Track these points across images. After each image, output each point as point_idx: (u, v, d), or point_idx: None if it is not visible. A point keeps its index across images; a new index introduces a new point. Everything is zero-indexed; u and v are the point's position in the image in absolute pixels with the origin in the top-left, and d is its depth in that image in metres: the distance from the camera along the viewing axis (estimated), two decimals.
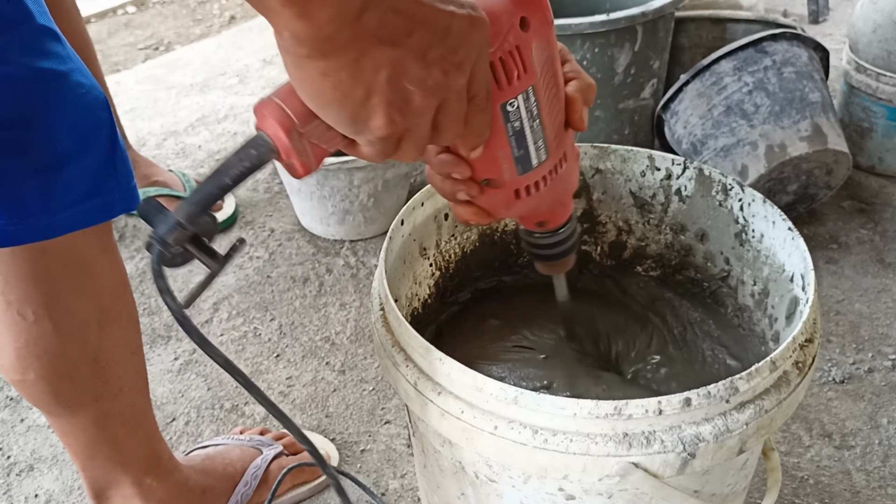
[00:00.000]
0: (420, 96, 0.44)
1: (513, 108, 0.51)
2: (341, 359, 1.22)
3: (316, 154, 0.48)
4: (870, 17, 1.47)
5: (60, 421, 0.82)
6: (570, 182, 0.61)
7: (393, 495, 1.01)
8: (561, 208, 0.63)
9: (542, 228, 0.64)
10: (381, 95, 0.43)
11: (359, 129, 0.44)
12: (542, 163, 0.55)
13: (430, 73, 0.43)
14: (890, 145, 1.52)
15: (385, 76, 0.42)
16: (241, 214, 1.56)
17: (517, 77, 0.50)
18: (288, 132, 0.46)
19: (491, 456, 0.59)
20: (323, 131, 0.46)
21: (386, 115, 0.43)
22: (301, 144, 0.47)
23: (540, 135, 0.54)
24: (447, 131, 0.47)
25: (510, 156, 0.54)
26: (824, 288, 1.29)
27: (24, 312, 0.72)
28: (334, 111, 0.44)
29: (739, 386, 0.56)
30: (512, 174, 0.55)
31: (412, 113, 0.44)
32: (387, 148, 0.46)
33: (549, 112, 0.54)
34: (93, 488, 0.89)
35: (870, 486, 0.99)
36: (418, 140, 0.47)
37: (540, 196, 0.57)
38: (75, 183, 0.67)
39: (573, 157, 0.60)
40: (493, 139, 0.52)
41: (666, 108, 1.42)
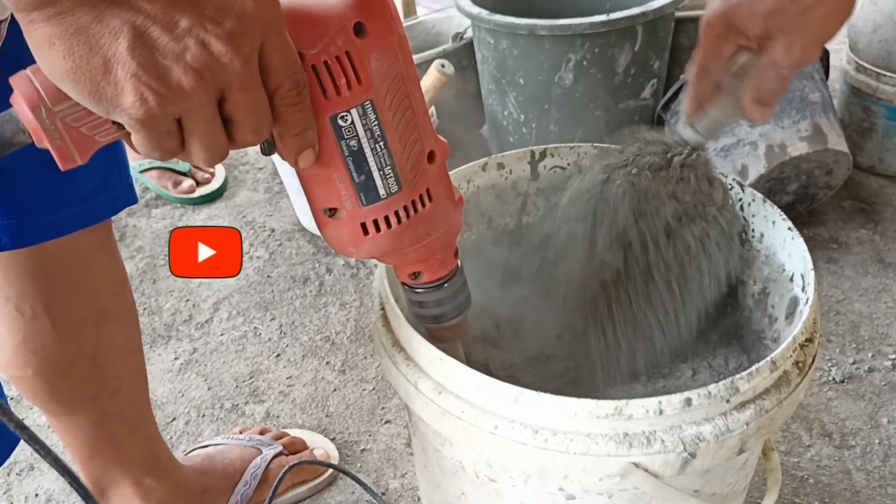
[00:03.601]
0: (180, 73, 0.37)
1: (345, 122, 0.46)
2: (341, 358, 1.22)
3: (79, 142, 0.41)
4: (870, 17, 1.47)
5: (59, 419, 0.82)
6: (440, 226, 0.54)
7: (393, 495, 1.01)
8: (433, 258, 0.56)
9: (418, 282, 0.57)
10: (124, 67, 0.37)
11: (108, 108, 0.38)
12: (394, 195, 0.49)
13: (184, 44, 0.37)
14: (890, 145, 1.52)
15: (125, 45, 0.36)
16: (241, 213, 1.56)
17: (346, 86, 0.45)
18: (34, 108, 0.39)
19: (491, 455, 0.59)
20: (83, 114, 0.40)
21: (135, 91, 0.37)
22: (54, 126, 0.40)
23: (387, 161, 0.48)
24: (242, 127, 0.41)
25: (349, 180, 0.48)
26: (824, 288, 1.30)
27: (22, 308, 0.72)
28: (71, 85, 0.38)
29: (740, 386, 0.56)
30: (354, 204, 0.49)
31: (173, 92, 0.38)
32: (161, 139, 0.40)
33: (399, 137, 0.48)
34: (92, 488, 0.89)
35: (870, 485, 0.99)
36: (204, 134, 0.40)
37: (395, 236, 0.51)
38: (81, 179, 0.68)
39: (445, 198, 0.53)
40: (326, 157, 0.47)
41: (666, 108, 1.42)
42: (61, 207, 0.68)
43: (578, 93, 1.37)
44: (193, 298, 1.35)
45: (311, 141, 0.45)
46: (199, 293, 1.36)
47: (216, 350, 1.25)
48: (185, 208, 1.59)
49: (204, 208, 1.59)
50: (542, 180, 0.83)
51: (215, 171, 1.65)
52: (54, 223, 0.68)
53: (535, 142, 1.47)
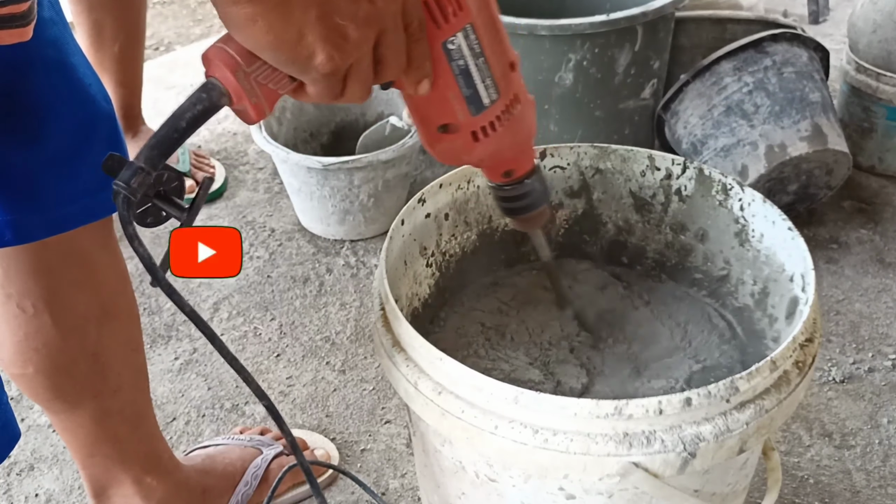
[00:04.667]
0: (354, 29, 0.44)
1: (454, 46, 0.52)
2: (341, 358, 1.22)
3: (267, 96, 0.48)
4: (870, 17, 1.47)
5: (60, 417, 0.82)
6: (527, 126, 0.62)
7: (393, 495, 1.01)
8: (523, 155, 0.64)
9: (510, 179, 0.65)
10: (315, 33, 0.43)
11: (301, 68, 0.45)
12: (494, 102, 0.56)
13: (358, 5, 0.44)
14: (890, 145, 1.52)
15: (314, 14, 0.43)
16: (241, 213, 1.56)
17: (453, 14, 0.51)
18: (234, 73, 0.47)
19: (491, 455, 0.59)
20: (270, 71, 0.47)
21: (325, 51, 0.44)
22: (250, 85, 0.47)
23: (487, 73, 0.55)
24: (390, 65, 0.48)
25: (460, 96, 0.55)
26: (824, 288, 1.30)
27: (23, 305, 0.72)
28: (271, 54, 0.45)
29: (740, 385, 0.56)
30: (466, 116, 0.56)
31: (351, 46, 0.45)
32: (333, 86, 0.47)
33: (492, 51, 0.54)
34: (93, 487, 0.89)
35: (870, 485, 0.99)
36: (363, 77, 0.47)
37: (498, 138, 0.58)
38: (82, 176, 0.68)
39: (526, 101, 0.61)
40: (440, 79, 0.53)
41: (666, 108, 1.42)
42: (64, 203, 0.68)
43: (578, 93, 1.37)
44: (193, 298, 1.35)
45: (429, 71, 0.52)
46: (199, 293, 1.36)
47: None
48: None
49: (204, 208, 1.59)
50: None
51: (215, 171, 1.65)
52: (57, 219, 0.68)
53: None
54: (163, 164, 0.49)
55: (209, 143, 1.80)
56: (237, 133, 1.83)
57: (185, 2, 2.58)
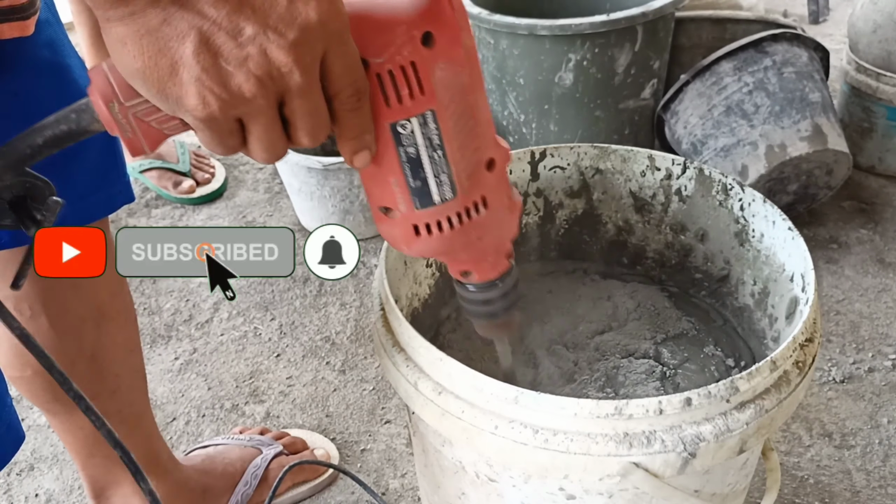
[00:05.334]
0: (242, 79, 0.39)
1: (405, 130, 0.46)
2: (341, 358, 1.22)
3: (147, 134, 0.43)
4: (870, 17, 1.47)
5: (59, 419, 0.82)
6: (493, 231, 0.54)
7: (393, 495, 1.01)
8: (484, 261, 0.56)
9: (468, 280, 0.58)
10: (189, 71, 0.38)
11: (174, 107, 0.40)
12: (448, 201, 0.49)
13: (246, 52, 0.38)
14: (890, 145, 1.52)
15: (191, 49, 0.38)
16: (241, 213, 1.56)
17: (409, 96, 0.45)
18: (108, 104, 0.42)
19: (491, 455, 0.59)
20: (152, 110, 0.42)
21: (198, 94, 0.39)
22: (125, 120, 0.42)
23: (444, 169, 0.48)
24: (298, 129, 0.42)
25: (404, 184, 0.48)
26: (824, 288, 1.30)
27: (19, 308, 0.72)
28: (140, 83, 0.40)
29: (740, 385, 0.56)
30: (408, 206, 0.49)
31: (234, 97, 0.39)
32: (223, 137, 0.42)
33: (458, 146, 0.48)
34: (92, 487, 0.89)
35: (870, 485, 0.99)
36: (263, 135, 0.42)
37: (446, 239, 0.51)
38: (77, 178, 0.68)
39: (502, 206, 0.53)
40: (383, 160, 0.47)
41: (666, 108, 1.42)
42: None
43: (578, 93, 1.37)
44: (193, 298, 1.35)
45: (368, 143, 0.46)
46: (199, 293, 1.36)
47: (216, 350, 1.25)
48: (185, 208, 1.59)
49: (204, 208, 1.59)
50: (542, 180, 0.83)
51: (215, 171, 1.65)
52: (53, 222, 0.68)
53: (535, 142, 1.47)
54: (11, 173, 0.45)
55: None
56: None
57: None
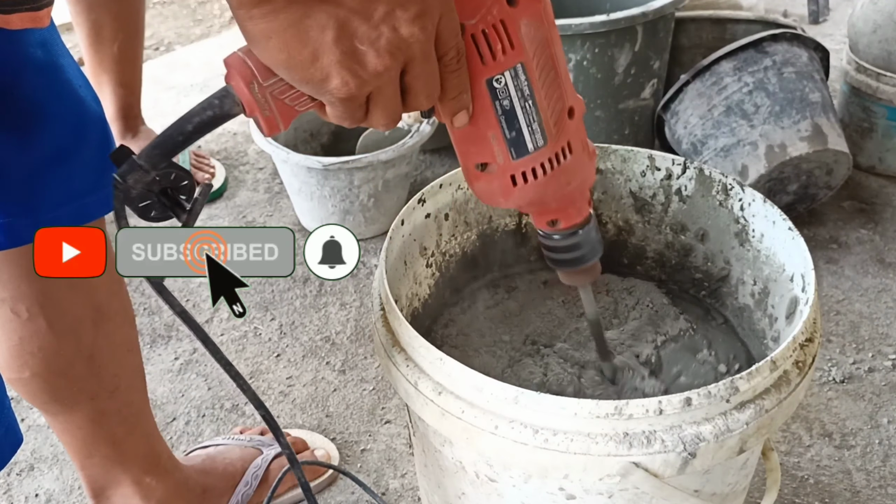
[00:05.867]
0: (374, 56, 0.42)
1: (500, 84, 0.50)
2: (341, 358, 1.22)
3: (282, 112, 0.47)
4: (870, 17, 1.47)
5: (58, 419, 0.82)
6: (578, 176, 0.57)
7: (393, 495, 1.01)
8: (572, 206, 0.60)
9: (555, 228, 0.61)
10: (330, 56, 0.42)
11: (316, 89, 0.44)
12: (540, 148, 0.53)
13: (379, 31, 0.42)
14: (890, 145, 1.52)
15: (331, 36, 0.41)
16: (241, 213, 1.56)
17: (502, 51, 0.49)
18: (248, 85, 0.46)
19: (491, 455, 0.59)
20: (287, 88, 0.46)
21: (340, 76, 0.42)
22: (264, 99, 0.46)
23: (535, 118, 0.52)
24: (418, 94, 0.46)
25: (501, 137, 0.52)
26: (824, 288, 1.29)
27: (17, 310, 0.72)
28: (285, 72, 0.44)
29: (740, 385, 0.56)
30: (505, 158, 0.53)
31: (369, 74, 0.43)
32: (354, 111, 0.45)
33: (545, 95, 0.52)
34: (92, 487, 0.89)
35: (870, 485, 0.99)
36: (387, 105, 0.46)
37: (540, 186, 0.55)
38: (74, 178, 0.68)
39: (582, 150, 0.57)
40: (480, 116, 0.51)
41: (666, 108, 1.42)
42: (57, 205, 0.67)
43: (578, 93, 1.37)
44: (193, 298, 1.35)
45: (466, 103, 0.50)
46: (199, 293, 1.36)
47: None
48: None
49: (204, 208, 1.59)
50: None
51: (215, 171, 1.65)
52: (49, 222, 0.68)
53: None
54: (166, 163, 0.49)
55: (209, 143, 1.80)
56: (237, 133, 1.83)
57: (185, 2, 2.58)
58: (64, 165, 0.67)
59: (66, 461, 1.08)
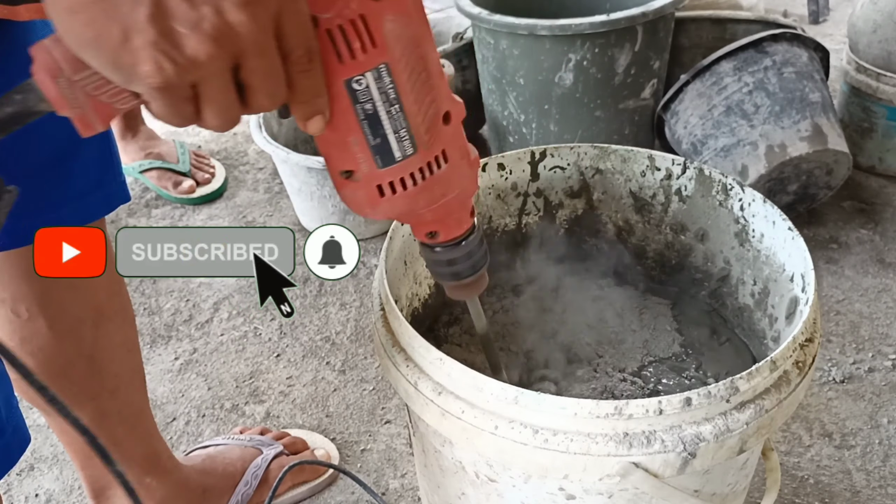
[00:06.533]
0: (196, 41, 0.37)
1: (360, 86, 0.45)
2: (341, 358, 1.22)
3: (98, 110, 0.42)
4: (870, 17, 1.47)
5: (58, 419, 0.82)
6: (455, 187, 0.53)
7: (393, 495, 1.01)
8: (450, 218, 0.55)
9: (435, 241, 0.57)
10: (143, 36, 0.37)
11: (127, 77, 0.39)
12: (409, 157, 0.49)
13: (200, 13, 0.37)
14: (890, 145, 1.52)
15: (144, 13, 0.36)
16: (241, 213, 1.56)
17: (361, 49, 0.44)
18: (55, 79, 0.40)
19: (491, 456, 0.59)
20: (102, 83, 0.40)
21: (152, 60, 0.37)
22: (74, 95, 0.41)
23: (402, 124, 0.47)
24: (256, 93, 0.41)
25: (364, 143, 0.47)
26: (824, 288, 1.29)
27: (17, 310, 0.72)
28: (92, 54, 0.38)
29: (740, 385, 0.56)
30: (370, 166, 0.49)
31: (188, 60, 0.38)
32: (178, 105, 0.40)
33: (414, 99, 0.47)
34: (92, 487, 0.89)
35: (870, 485, 0.99)
36: (217, 100, 0.40)
37: (411, 197, 0.51)
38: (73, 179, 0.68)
39: (460, 158, 0.52)
40: (339, 120, 0.46)
41: (666, 108, 1.42)
42: (57, 206, 0.67)
43: (578, 93, 1.37)
44: (193, 298, 1.35)
45: (321, 108, 0.45)
46: (199, 293, 1.36)
47: (216, 350, 1.25)
48: (185, 208, 1.59)
49: (204, 208, 1.59)
50: (542, 180, 0.83)
51: (215, 171, 1.65)
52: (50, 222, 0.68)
53: (535, 142, 1.47)
54: None
55: (209, 143, 1.80)
56: (237, 133, 1.83)
57: None
58: (64, 165, 0.67)
59: (66, 461, 1.08)
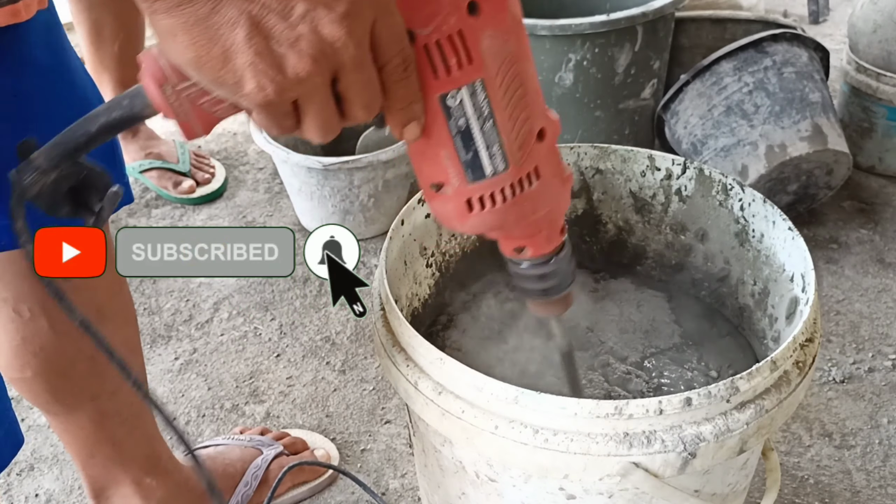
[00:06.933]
0: (294, 59, 0.38)
1: (455, 101, 0.45)
2: (342, 358, 1.22)
3: (201, 118, 0.43)
4: (870, 17, 1.47)
5: (59, 419, 0.82)
6: (546, 204, 0.52)
7: (393, 495, 1.01)
8: (540, 235, 0.55)
9: (522, 256, 0.56)
10: (243, 57, 0.38)
11: (230, 93, 0.40)
12: (500, 174, 0.48)
13: (297, 31, 0.38)
14: (890, 145, 1.52)
15: (243, 35, 0.37)
16: (241, 213, 1.56)
17: (457, 65, 0.44)
18: (160, 87, 0.41)
19: (492, 455, 0.59)
20: (203, 93, 0.42)
21: (255, 79, 0.38)
22: (179, 102, 0.42)
23: (495, 140, 0.47)
24: (353, 105, 0.42)
25: (455, 157, 0.48)
26: (824, 288, 1.29)
27: (19, 310, 0.72)
28: (194, 72, 0.39)
29: (740, 385, 0.56)
30: (460, 180, 0.49)
31: (289, 80, 0.38)
32: (280, 119, 0.41)
33: (508, 116, 0.47)
34: (92, 488, 0.89)
35: (870, 485, 0.99)
36: (319, 113, 0.41)
37: (500, 213, 0.50)
38: None
39: (553, 176, 0.52)
40: (432, 133, 0.47)
41: (666, 108, 1.42)
42: None
43: (578, 93, 1.37)
44: (193, 298, 1.35)
45: (417, 114, 0.45)
46: (199, 293, 1.36)
47: (216, 350, 1.25)
48: (185, 209, 1.59)
49: (204, 208, 1.59)
50: None
51: (215, 171, 1.65)
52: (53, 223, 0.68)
53: None
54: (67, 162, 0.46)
55: (209, 142, 1.80)
56: (237, 133, 1.83)
57: None
58: None
59: (66, 461, 1.08)
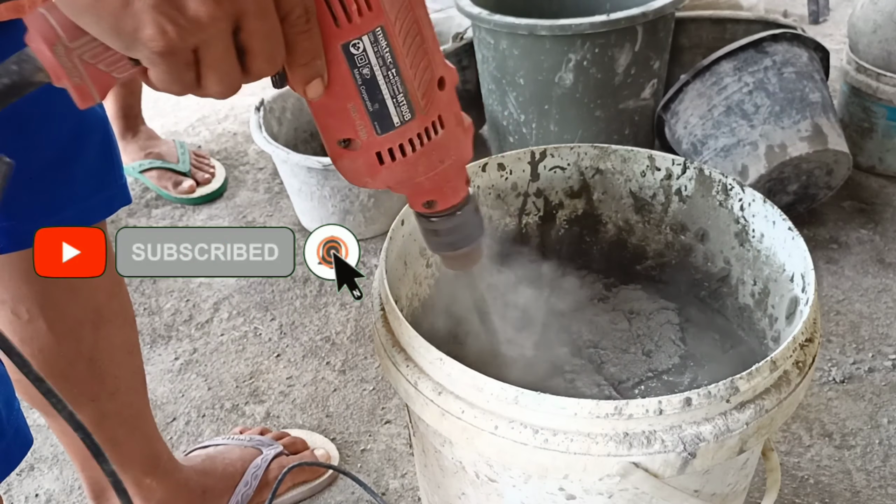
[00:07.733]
0: (197, 3, 0.37)
1: (358, 50, 0.45)
2: (342, 358, 1.22)
3: (96, 80, 0.41)
4: (870, 17, 1.47)
5: (58, 421, 0.82)
6: (452, 153, 0.53)
7: (393, 495, 1.01)
8: (447, 185, 0.55)
9: (432, 210, 0.56)
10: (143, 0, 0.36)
11: (128, 43, 0.38)
12: (407, 122, 0.49)
13: None
14: (890, 145, 1.52)
15: None
16: (241, 213, 1.56)
17: (357, 12, 0.44)
18: (52, 46, 0.39)
19: (491, 456, 0.59)
20: (101, 49, 0.40)
21: (155, 23, 0.37)
22: (72, 64, 0.40)
23: (400, 88, 0.47)
24: (257, 56, 0.41)
25: (363, 109, 0.47)
26: (824, 288, 1.29)
27: (17, 311, 0.72)
28: (91, 20, 0.37)
29: (740, 385, 0.56)
30: (369, 133, 0.49)
31: (190, 21, 0.37)
32: (179, 71, 0.39)
33: (410, 63, 0.47)
34: (92, 488, 0.89)
35: (870, 485, 0.99)
36: (220, 64, 0.40)
37: (410, 164, 0.51)
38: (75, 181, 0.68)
39: (456, 124, 0.52)
40: (338, 86, 0.46)
41: (666, 108, 1.42)
42: (59, 209, 0.68)
43: (578, 93, 1.37)
44: (193, 298, 1.35)
45: (320, 70, 0.45)
46: (199, 293, 1.36)
47: (216, 350, 1.25)
48: (185, 208, 1.59)
49: (204, 208, 1.59)
50: (542, 180, 0.83)
51: (215, 171, 1.65)
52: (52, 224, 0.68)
53: (535, 142, 1.47)
54: None
55: (209, 143, 1.80)
56: (237, 133, 1.83)
57: None
58: (66, 169, 0.67)
59: (66, 461, 1.08)
